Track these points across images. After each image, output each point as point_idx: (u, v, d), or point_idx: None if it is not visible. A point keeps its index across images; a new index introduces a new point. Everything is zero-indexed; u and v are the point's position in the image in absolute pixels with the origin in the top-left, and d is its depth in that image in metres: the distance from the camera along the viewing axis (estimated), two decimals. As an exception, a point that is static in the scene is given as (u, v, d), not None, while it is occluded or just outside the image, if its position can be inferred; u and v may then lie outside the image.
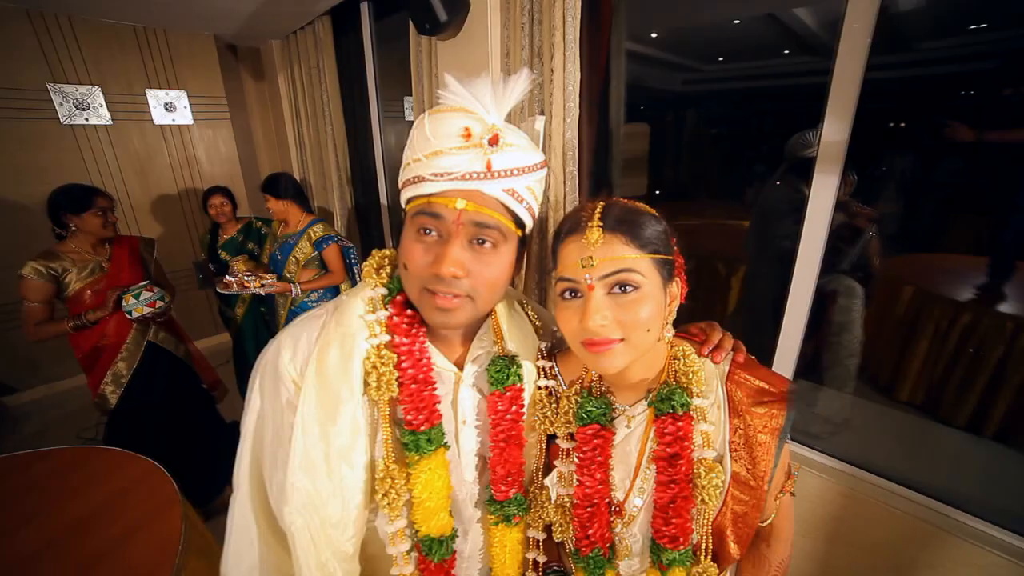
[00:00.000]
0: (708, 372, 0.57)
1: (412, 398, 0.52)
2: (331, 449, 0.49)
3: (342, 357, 0.51)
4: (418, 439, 0.52)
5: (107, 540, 1.00)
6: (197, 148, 3.25)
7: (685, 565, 0.55)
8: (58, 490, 1.18)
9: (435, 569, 0.55)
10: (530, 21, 1.55)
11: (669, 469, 0.54)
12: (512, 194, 0.51)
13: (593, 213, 0.50)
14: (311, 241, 1.84)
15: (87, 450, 1.35)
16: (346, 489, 0.50)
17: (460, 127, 0.48)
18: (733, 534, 0.56)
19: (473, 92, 0.49)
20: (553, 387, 0.62)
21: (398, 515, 0.52)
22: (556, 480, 0.60)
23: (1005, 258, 1.99)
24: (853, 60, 1.15)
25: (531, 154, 0.53)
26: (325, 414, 0.49)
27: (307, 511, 0.48)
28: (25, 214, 2.60)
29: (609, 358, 0.49)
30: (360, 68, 2.79)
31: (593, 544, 0.57)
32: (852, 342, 2.03)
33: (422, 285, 0.50)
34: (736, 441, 0.55)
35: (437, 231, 0.50)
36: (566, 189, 1.59)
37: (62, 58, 2.58)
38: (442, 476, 0.53)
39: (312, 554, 0.48)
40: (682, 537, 0.54)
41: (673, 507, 0.54)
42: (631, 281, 0.48)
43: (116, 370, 1.57)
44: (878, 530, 1.33)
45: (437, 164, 0.48)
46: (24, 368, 2.74)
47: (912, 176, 2.11)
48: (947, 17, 1.64)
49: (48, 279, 1.44)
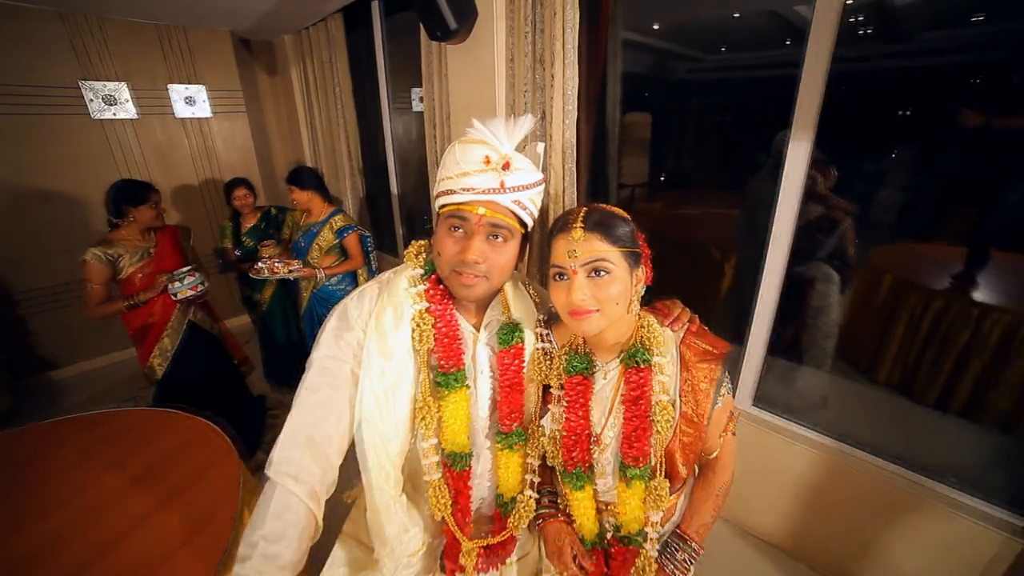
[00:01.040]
0: (667, 337, 0.75)
1: (444, 348, 0.71)
2: (387, 384, 0.67)
3: (395, 318, 0.69)
4: (447, 378, 0.71)
5: (179, 480, 1.21)
6: (215, 140, 3.40)
7: (644, 480, 0.73)
8: (131, 442, 1.38)
9: (456, 477, 0.74)
10: (532, 30, 1.69)
11: (633, 408, 0.72)
12: (518, 204, 0.68)
13: (577, 217, 0.67)
14: (333, 230, 2.02)
15: (148, 411, 1.56)
16: (396, 414, 0.69)
17: (481, 155, 0.65)
18: (682, 457, 0.74)
19: (491, 129, 0.66)
20: (548, 348, 0.80)
21: (431, 435, 0.71)
22: (550, 419, 0.79)
23: (980, 247, 2.13)
24: (821, 47, 1.28)
25: (534, 174, 0.70)
26: (383, 358, 0.67)
27: (370, 428, 0.67)
28: (60, 203, 2.79)
29: (587, 323, 0.67)
30: (371, 62, 2.92)
31: (576, 464, 0.76)
32: (829, 324, 2.19)
33: (451, 267, 0.68)
34: (685, 388, 0.73)
35: (464, 229, 0.67)
36: (565, 184, 1.76)
37: (92, 56, 2.73)
38: (463, 407, 0.72)
39: (374, 459, 0.67)
40: (642, 458, 0.73)
41: (635, 436, 0.72)
42: (604, 268, 0.65)
43: (162, 345, 1.77)
44: (847, 492, 1.51)
45: (464, 182, 0.65)
46: (65, 345, 2.97)
47: (892, 169, 2.25)
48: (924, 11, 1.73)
49: (106, 263, 1.62)
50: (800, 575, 1.64)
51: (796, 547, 1.69)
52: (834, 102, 1.41)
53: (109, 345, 3.13)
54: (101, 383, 2.92)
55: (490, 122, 0.67)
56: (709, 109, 2.93)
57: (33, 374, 2.86)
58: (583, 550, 0.80)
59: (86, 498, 1.19)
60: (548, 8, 1.61)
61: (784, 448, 1.64)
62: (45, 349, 2.89)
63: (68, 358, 2.99)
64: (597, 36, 1.75)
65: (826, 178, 1.97)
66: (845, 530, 1.53)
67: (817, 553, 1.63)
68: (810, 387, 2.24)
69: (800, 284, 2.13)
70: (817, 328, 2.19)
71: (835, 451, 1.53)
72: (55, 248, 2.80)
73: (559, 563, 0.79)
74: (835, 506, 1.55)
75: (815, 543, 1.63)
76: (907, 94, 2.04)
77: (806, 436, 1.60)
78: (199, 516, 1.11)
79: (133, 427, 1.48)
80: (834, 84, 1.37)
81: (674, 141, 2.97)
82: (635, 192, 3.01)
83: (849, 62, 1.37)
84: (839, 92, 1.39)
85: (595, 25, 1.73)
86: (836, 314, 2.18)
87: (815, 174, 1.94)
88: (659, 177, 2.92)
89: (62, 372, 2.98)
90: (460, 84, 2.03)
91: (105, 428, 1.47)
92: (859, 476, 1.46)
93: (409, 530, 0.72)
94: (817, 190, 1.96)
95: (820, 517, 1.60)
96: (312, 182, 2.04)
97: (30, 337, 2.82)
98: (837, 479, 1.52)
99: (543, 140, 1.75)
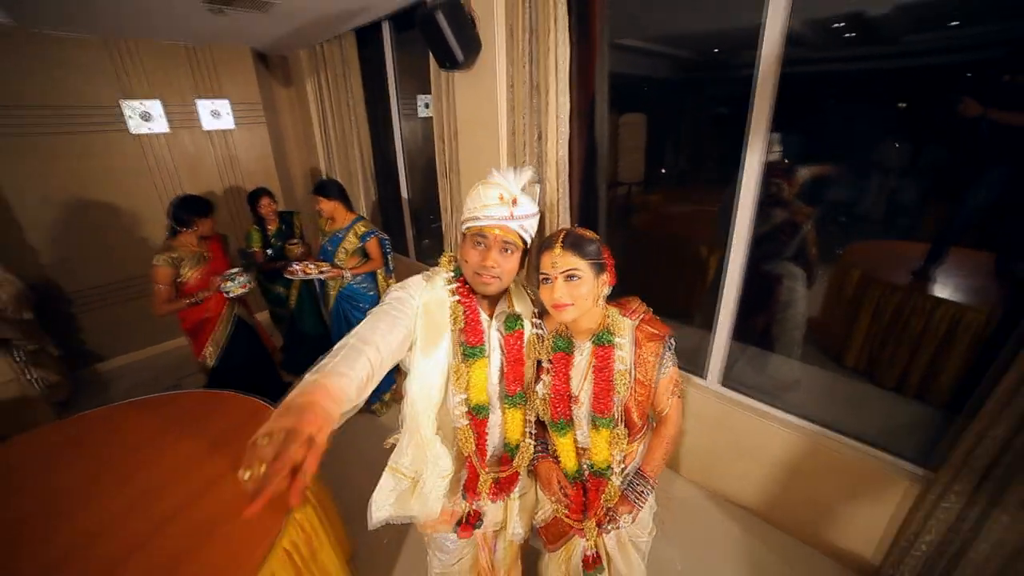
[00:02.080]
0: (626, 324, 1.02)
1: (470, 329, 0.99)
2: (433, 349, 0.95)
3: (437, 306, 0.97)
4: (472, 350, 0.98)
5: (240, 448, 1.47)
6: (238, 149, 3.68)
7: (609, 427, 1.01)
8: (194, 420, 1.66)
9: (478, 423, 1.02)
10: (530, 61, 1.95)
11: (600, 375, 1.00)
12: (522, 227, 0.96)
13: (558, 238, 0.95)
14: (356, 235, 2.29)
15: (205, 393, 1.85)
16: (437, 371, 0.96)
17: (497, 194, 0.93)
18: (636, 411, 1.02)
19: (504, 176, 0.94)
20: (540, 333, 1.07)
21: (461, 391, 0.99)
22: (542, 386, 1.07)
23: (940, 245, 2.38)
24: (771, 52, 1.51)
25: (533, 208, 0.98)
26: (432, 330, 0.95)
27: (420, 381, 0.95)
28: (103, 211, 3.09)
29: (565, 314, 0.94)
30: (381, 76, 3.17)
31: (560, 416, 1.03)
32: (797, 316, 2.46)
33: (474, 271, 0.96)
34: (638, 361, 1.01)
35: (484, 244, 0.94)
36: (559, 195, 2.02)
37: (130, 77, 3.01)
38: (483, 372, 1.00)
39: (421, 405, 0.95)
40: (607, 411, 1.00)
41: (602, 395, 1.00)
42: (576, 274, 0.92)
43: (215, 337, 2.06)
44: (810, 462, 1.77)
45: (485, 212, 0.93)
46: (109, 340, 3.27)
47: (860, 173, 2.50)
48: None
49: (173, 267, 1.91)
50: (768, 534, 1.90)
51: (767, 511, 1.95)
52: (791, 112, 1.62)
53: (147, 339, 3.44)
54: (142, 373, 3.22)
55: (503, 171, 0.95)
56: (703, 107, 3.09)
57: (83, 367, 3.17)
58: (566, 481, 1.08)
59: (163, 465, 1.46)
60: (543, 43, 1.87)
61: (755, 424, 1.89)
62: (92, 343, 3.20)
63: (111, 351, 3.30)
64: (587, 66, 2.02)
65: (790, 185, 2.23)
66: (807, 497, 1.79)
67: (783, 515, 1.90)
68: (783, 372, 2.50)
69: (768, 280, 2.39)
70: (786, 320, 2.45)
71: (800, 428, 1.78)
72: (98, 252, 3.10)
73: (549, 491, 1.08)
74: (800, 474, 1.80)
75: (782, 507, 1.90)
76: (858, 106, 2.28)
77: (775, 415, 1.85)
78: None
79: (194, 407, 1.76)
80: (787, 98, 1.56)
81: (662, 142, 3.18)
82: (631, 189, 3.27)
83: (798, 80, 1.56)
84: (793, 104, 1.59)
85: (585, 58, 1.99)
86: (803, 307, 2.44)
87: (780, 182, 2.21)
88: (646, 179, 3.16)
89: (106, 364, 3.29)
90: (466, 106, 2.29)
91: (171, 408, 1.75)
92: (820, 448, 1.71)
93: (442, 458, 1.00)
94: (782, 196, 2.22)
95: (786, 485, 1.86)
96: (336, 193, 2.31)
97: (80, 333, 3.13)
98: (802, 451, 1.77)
99: (541, 163, 2.02)
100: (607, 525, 1.05)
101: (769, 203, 2.25)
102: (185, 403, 1.79)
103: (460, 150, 2.43)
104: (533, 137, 2.05)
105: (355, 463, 1.99)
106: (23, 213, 2.78)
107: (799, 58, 1.59)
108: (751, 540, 1.87)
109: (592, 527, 1.07)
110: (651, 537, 1.20)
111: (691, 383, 2.05)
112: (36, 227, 2.85)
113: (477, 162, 2.35)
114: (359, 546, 1.79)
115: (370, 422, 2.57)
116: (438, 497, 1.00)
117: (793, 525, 1.87)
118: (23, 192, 2.77)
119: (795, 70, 1.54)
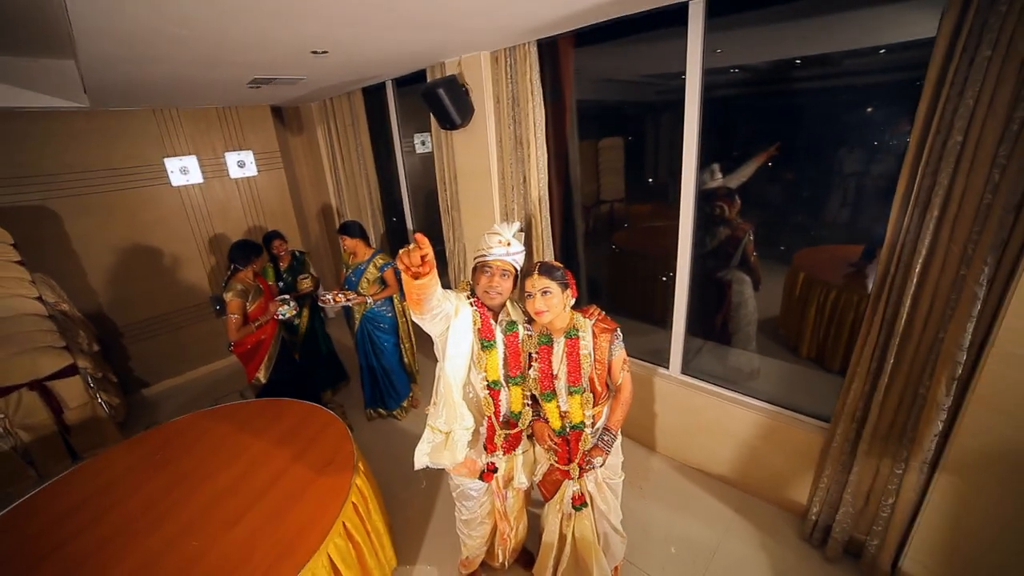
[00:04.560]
0: (587, 323, 1.48)
1: (485, 328, 1.44)
2: (463, 340, 1.40)
3: (463, 315, 1.41)
4: (488, 343, 1.43)
5: (303, 442, 1.88)
6: (260, 193, 4.16)
7: (580, 393, 1.46)
8: (260, 423, 2.06)
9: (494, 394, 1.47)
10: (513, 123, 2.46)
11: (571, 359, 1.46)
12: (515, 260, 1.44)
13: (535, 267, 1.41)
14: (376, 267, 2.76)
15: (265, 401, 2.27)
16: (463, 355, 1.41)
17: (497, 239, 1.41)
18: (598, 381, 1.47)
19: (501, 229, 1.43)
20: (530, 333, 1.53)
21: (481, 371, 1.44)
22: (533, 371, 1.52)
23: (867, 248, 2.87)
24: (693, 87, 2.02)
25: (520, 247, 1.46)
26: (462, 328, 1.39)
27: (452, 361, 1.39)
28: (149, 255, 3.54)
29: (542, 318, 1.40)
30: (385, 124, 3.68)
31: (546, 389, 1.49)
32: (748, 315, 2.93)
33: (483, 290, 1.42)
34: (595, 348, 1.46)
35: (489, 271, 1.41)
36: (541, 227, 2.51)
37: (172, 138, 3.51)
38: (495, 358, 1.45)
39: (454, 378, 1.40)
40: (577, 382, 1.45)
41: (573, 371, 1.45)
42: (548, 291, 1.39)
43: (270, 354, 2.50)
44: (763, 436, 2.23)
45: (491, 251, 1.41)
46: (154, 367, 3.69)
47: (789, 188, 2.99)
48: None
49: (242, 298, 2.36)
50: (726, 492, 2.33)
51: (727, 474, 2.38)
52: (720, 137, 2.06)
53: (186, 366, 3.86)
54: (183, 395, 3.63)
55: (501, 224, 1.45)
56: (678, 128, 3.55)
57: (133, 391, 3.58)
58: (554, 434, 1.53)
59: (241, 461, 1.83)
60: (522, 108, 2.38)
61: (713, 404, 2.33)
62: (140, 370, 3.61)
63: (157, 377, 3.72)
64: (561, 127, 2.53)
65: (731, 207, 2.73)
66: (756, 460, 2.23)
67: (738, 477, 2.34)
68: (742, 362, 2.96)
69: (721, 286, 2.87)
70: (740, 318, 2.92)
71: (750, 405, 2.21)
72: (145, 290, 3.54)
73: (543, 443, 1.53)
74: (750, 443, 2.23)
75: (738, 470, 2.33)
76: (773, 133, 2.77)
77: (727, 395, 2.29)
78: (322, 462, 1.76)
79: (258, 414, 2.17)
80: (713, 127, 2.03)
81: (635, 164, 3.64)
82: (614, 206, 3.76)
83: (716, 110, 2.03)
84: (719, 133, 2.02)
85: (559, 122, 2.51)
86: (752, 307, 2.91)
87: (723, 205, 2.71)
88: (633, 192, 3.63)
89: (151, 389, 3.70)
90: (462, 157, 2.79)
91: (238, 415, 2.17)
92: (764, 420, 2.14)
93: (466, 416, 1.44)
94: (725, 216, 2.71)
95: (740, 452, 2.29)
96: (358, 232, 2.78)
97: (129, 361, 3.54)
98: (752, 424, 2.19)
99: (526, 200, 2.51)
100: (586, 466, 1.50)
101: (714, 222, 2.75)
102: (251, 410, 2.22)
103: (460, 192, 2.92)
104: (519, 181, 2.54)
105: (382, 458, 2.49)
106: (87, 261, 3.24)
107: (714, 96, 2.05)
108: (714, 499, 2.31)
109: (576, 468, 1.51)
110: (621, 480, 1.65)
111: (656, 374, 2.51)
112: (97, 271, 3.31)
113: (475, 202, 2.84)
114: (392, 518, 2.21)
115: (392, 426, 3.01)
116: (463, 446, 1.44)
117: (746, 483, 2.31)
118: (88, 243, 3.23)
119: (714, 94, 2.02)
